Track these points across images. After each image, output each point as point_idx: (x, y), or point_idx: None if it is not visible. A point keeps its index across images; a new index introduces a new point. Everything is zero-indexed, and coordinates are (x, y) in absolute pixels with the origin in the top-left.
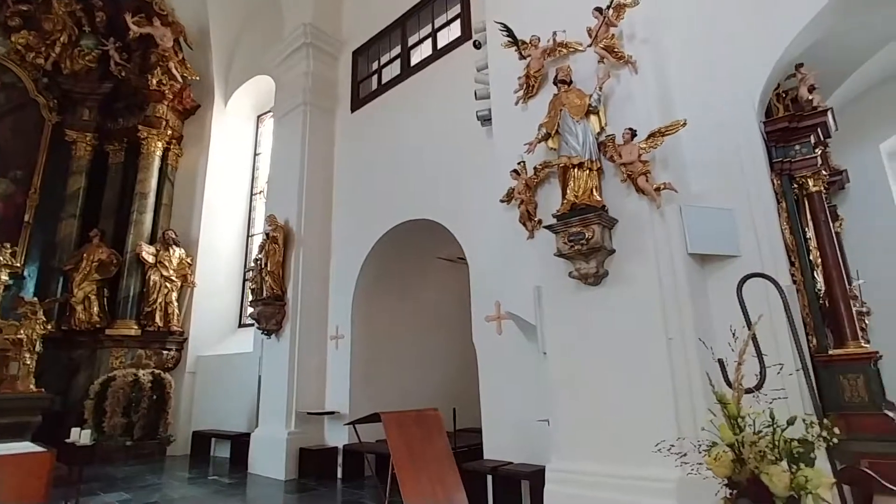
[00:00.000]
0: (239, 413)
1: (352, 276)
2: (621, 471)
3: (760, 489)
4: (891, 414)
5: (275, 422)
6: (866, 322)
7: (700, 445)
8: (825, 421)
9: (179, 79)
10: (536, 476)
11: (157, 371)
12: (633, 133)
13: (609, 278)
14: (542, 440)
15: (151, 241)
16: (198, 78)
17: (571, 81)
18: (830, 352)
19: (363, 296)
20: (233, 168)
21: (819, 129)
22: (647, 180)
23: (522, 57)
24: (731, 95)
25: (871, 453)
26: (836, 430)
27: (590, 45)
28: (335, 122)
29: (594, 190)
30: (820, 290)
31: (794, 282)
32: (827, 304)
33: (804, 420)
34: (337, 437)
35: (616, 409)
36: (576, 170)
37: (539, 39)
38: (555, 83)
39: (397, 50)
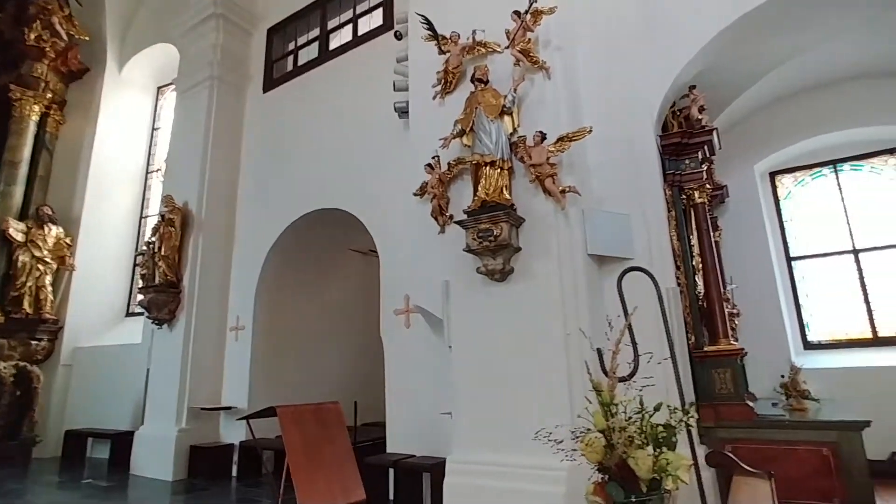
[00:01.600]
0: (122, 410)
1: (256, 264)
2: (518, 460)
3: (627, 473)
4: (750, 403)
5: (163, 418)
6: (736, 322)
7: (576, 432)
8: (687, 407)
9: (64, 36)
10: (437, 468)
11: (22, 363)
12: (543, 136)
13: (514, 275)
14: (446, 433)
15: (22, 218)
16: (87, 38)
17: (488, 81)
18: (706, 348)
19: (268, 285)
20: (126, 142)
21: (706, 147)
22: (553, 182)
23: (442, 52)
24: (632, 109)
25: (734, 439)
26: (696, 416)
27: (507, 47)
28: (245, 102)
29: (504, 189)
30: (700, 293)
31: (679, 284)
32: (705, 306)
33: (668, 406)
34: (234, 433)
35: (515, 400)
36: (488, 168)
37: (459, 36)
38: (472, 81)
39: (316, 32)
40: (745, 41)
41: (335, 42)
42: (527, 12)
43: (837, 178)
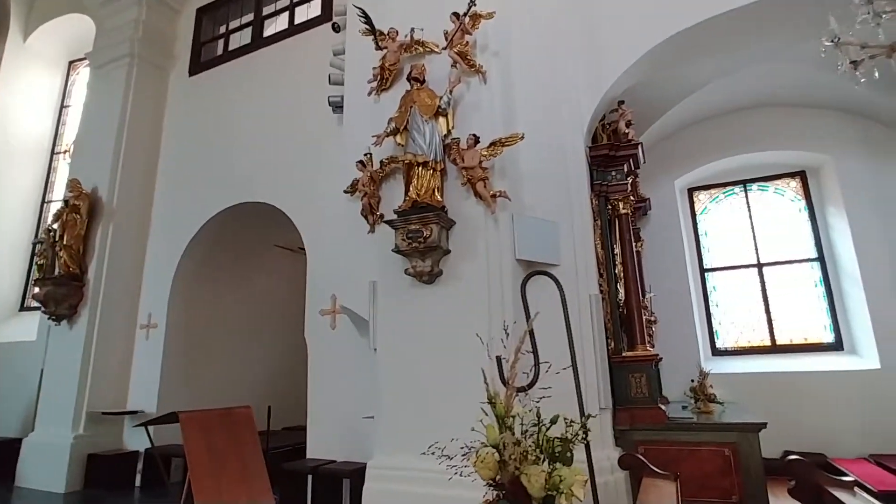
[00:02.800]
0: (10, 415)
1: (173, 257)
2: (437, 465)
3: (520, 490)
4: (663, 407)
5: (57, 424)
6: (653, 329)
7: (468, 447)
8: (583, 419)
9: None
10: (358, 474)
11: None
12: (477, 139)
13: (443, 277)
14: (369, 437)
15: None
16: None
17: (425, 80)
18: (624, 353)
19: (185, 281)
20: (30, 119)
21: (631, 160)
22: (485, 186)
23: (379, 48)
24: (565, 119)
25: (647, 441)
26: (590, 429)
27: (445, 48)
28: (168, 84)
29: (436, 190)
30: (621, 300)
31: (601, 291)
32: (625, 313)
33: (565, 419)
34: (140, 440)
35: (438, 405)
36: (420, 168)
37: (397, 33)
38: (408, 79)
39: (250, 17)
40: (669, 63)
41: (270, 29)
42: (465, 14)
43: (747, 196)
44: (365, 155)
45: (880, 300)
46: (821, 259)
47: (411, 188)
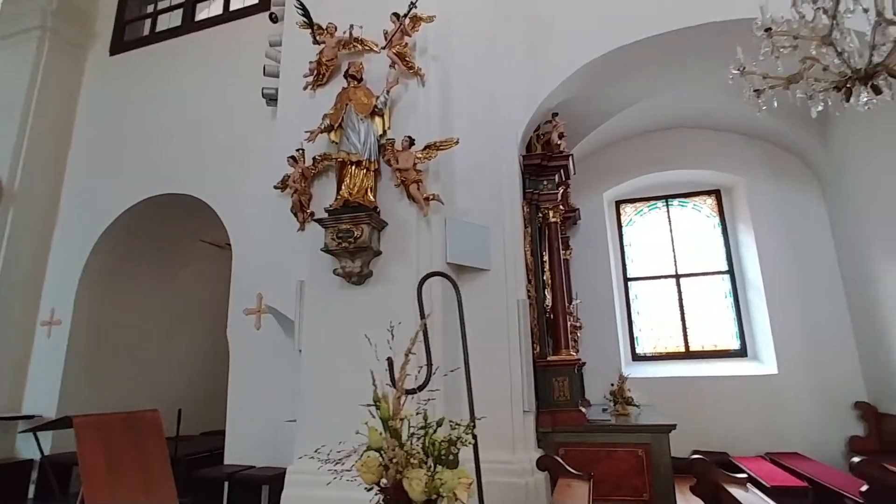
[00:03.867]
0: None
1: (83, 250)
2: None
3: (402, 495)
4: (583, 409)
5: None
6: (579, 335)
7: (350, 451)
8: (468, 421)
9: None
10: (277, 480)
11: None
12: (412, 142)
13: (372, 279)
14: (291, 442)
15: None
16: None
17: (362, 79)
18: (549, 357)
19: (96, 275)
20: None
21: (562, 171)
22: (418, 189)
23: (316, 42)
24: (500, 127)
25: (567, 442)
26: (475, 432)
27: (384, 48)
28: (86, 62)
29: (369, 190)
30: (548, 306)
31: (529, 297)
32: (551, 318)
33: (451, 421)
34: (36, 447)
35: (363, 409)
36: (353, 167)
37: (336, 28)
38: (345, 76)
39: None
40: (601, 80)
41: (203, 13)
42: (406, 16)
43: (668, 211)
44: (297, 150)
45: (780, 311)
46: (731, 272)
47: (344, 187)
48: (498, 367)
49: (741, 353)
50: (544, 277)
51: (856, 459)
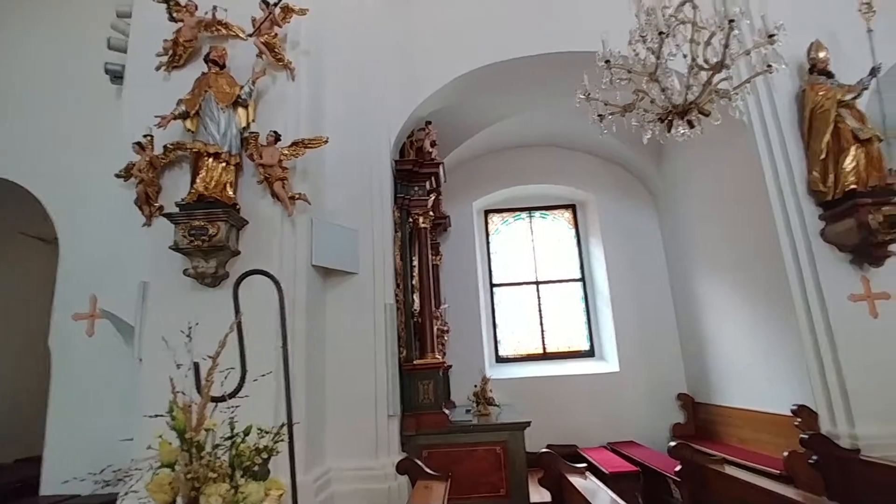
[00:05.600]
0: None
1: None
2: None
3: None
4: (447, 411)
5: None
6: (446, 338)
7: (138, 468)
8: (278, 428)
9: None
10: None
11: None
12: (278, 137)
13: (229, 281)
14: (125, 464)
15: None
16: None
17: (225, 65)
18: (415, 361)
19: None
20: None
21: (434, 178)
22: (283, 187)
23: (173, 19)
24: (374, 130)
25: (430, 445)
26: (282, 440)
27: (251, 36)
28: None
29: (228, 185)
30: (416, 310)
31: (397, 301)
32: (419, 322)
33: (259, 430)
34: None
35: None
36: (211, 159)
37: (196, 7)
38: (206, 61)
39: None
40: (473, 93)
41: None
42: (276, 5)
43: (531, 222)
44: (145, 136)
45: (622, 315)
46: (583, 279)
47: (199, 180)
48: (363, 372)
49: (590, 353)
50: (413, 282)
51: (672, 444)
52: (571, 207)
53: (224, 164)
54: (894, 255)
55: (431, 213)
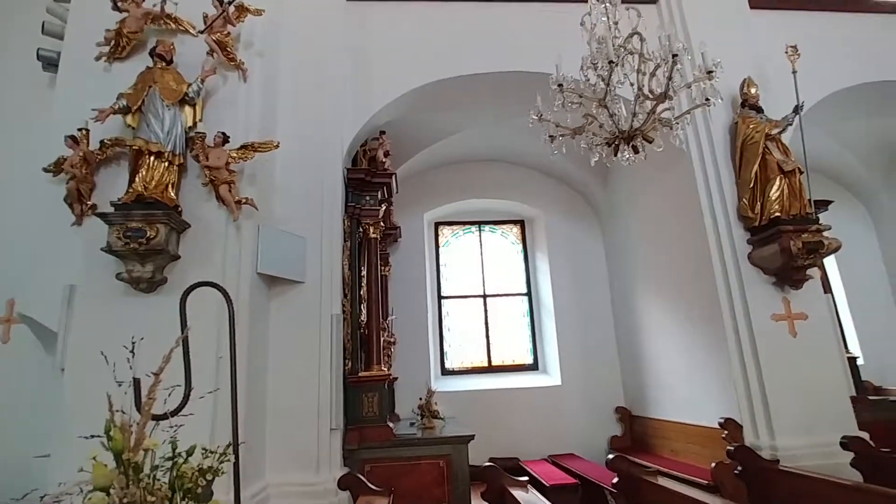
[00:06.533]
0: None
1: None
2: None
3: None
4: (391, 424)
5: None
6: (392, 350)
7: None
8: (224, 448)
9: None
10: None
11: None
12: (226, 139)
13: (167, 287)
14: (40, 483)
15: None
16: None
17: (172, 61)
18: (360, 374)
19: None
20: None
21: (385, 188)
22: (230, 190)
23: (118, 9)
24: (327, 137)
25: (374, 459)
26: (228, 460)
27: (202, 32)
28: None
29: (170, 186)
30: (362, 321)
31: (344, 311)
32: (366, 333)
33: (204, 449)
34: None
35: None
36: (153, 158)
37: None
38: (152, 55)
39: None
40: (428, 106)
41: None
42: (230, 3)
43: (480, 236)
44: (80, 130)
45: (565, 330)
46: (529, 294)
47: (138, 179)
48: (307, 384)
49: (534, 367)
50: (361, 292)
51: (610, 456)
52: (520, 223)
53: (167, 164)
54: (811, 279)
55: (382, 223)
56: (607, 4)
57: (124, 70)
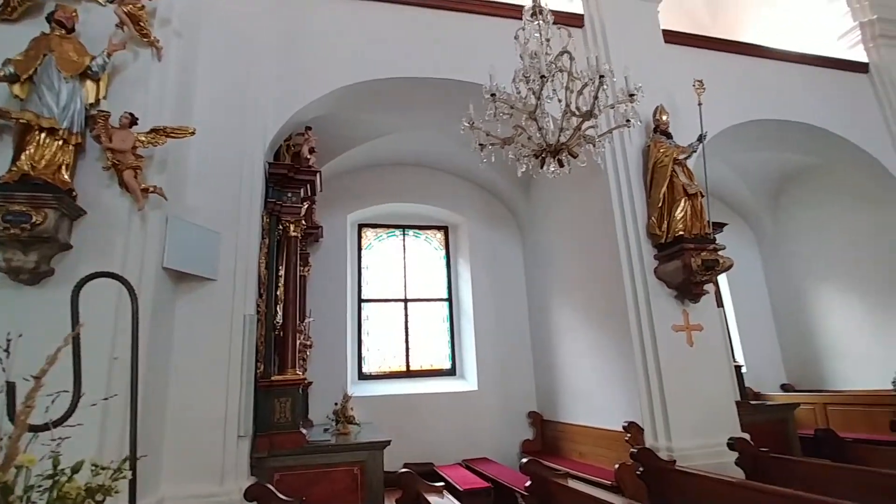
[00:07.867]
0: None
1: None
2: None
3: None
4: (304, 431)
5: None
6: (308, 353)
7: None
8: (119, 463)
9: None
10: None
11: None
12: (134, 120)
13: (54, 279)
14: None
15: None
16: None
17: (74, 30)
18: (273, 377)
19: None
20: None
21: (309, 186)
22: (135, 177)
23: None
24: (249, 128)
25: (284, 467)
26: (123, 478)
27: (111, 2)
28: None
29: (64, 167)
30: (278, 323)
31: (259, 312)
32: (281, 335)
33: (94, 465)
34: None
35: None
36: (44, 135)
37: None
38: (49, 20)
39: None
40: (356, 106)
41: None
42: None
43: (404, 240)
44: None
45: (483, 336)
46: (450, 300)
47: (24, 157)
48: (214, 389)
49: (452, 372)
50: (278, 293)
51: (524, 460)
52: (444, 229)
53: (61, 143)
54: (707, 294)
55: (304, 221)
56: (540, 22)
57: (13, 32)
